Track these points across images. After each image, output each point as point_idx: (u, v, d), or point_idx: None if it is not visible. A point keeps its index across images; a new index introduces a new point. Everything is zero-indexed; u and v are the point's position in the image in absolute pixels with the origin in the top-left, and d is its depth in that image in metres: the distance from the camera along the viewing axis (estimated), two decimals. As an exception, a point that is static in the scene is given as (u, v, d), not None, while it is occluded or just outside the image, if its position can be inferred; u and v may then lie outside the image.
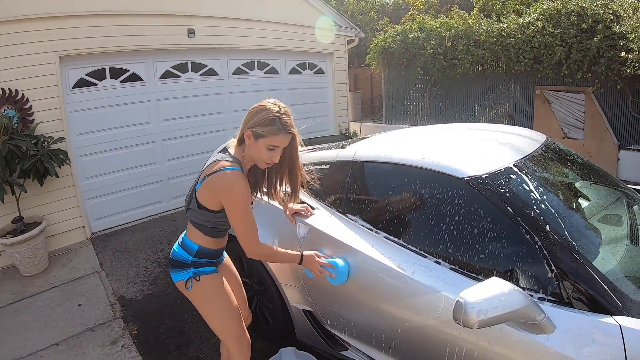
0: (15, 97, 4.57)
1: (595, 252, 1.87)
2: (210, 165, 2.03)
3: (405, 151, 2.47)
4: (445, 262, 2.04)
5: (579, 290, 1.68)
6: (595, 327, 1.60)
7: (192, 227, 2.16)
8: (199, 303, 2.23)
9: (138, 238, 5.39)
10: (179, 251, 2.17)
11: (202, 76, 6.39)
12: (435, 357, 2.04)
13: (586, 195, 2.43)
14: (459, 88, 9.46)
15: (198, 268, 2.16)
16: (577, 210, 2.25)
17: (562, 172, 2.47)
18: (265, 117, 1.96)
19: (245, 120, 2.05)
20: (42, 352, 3.31)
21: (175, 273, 2.20)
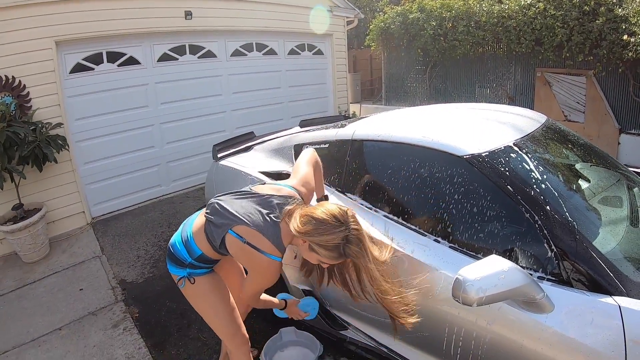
0: (12, 84, 4.54)
1: (595, 233, 1.86)
2: (254, 233, 1.86)
3: (405, 130, 2.45)
4: (445, 241, 2.03)
5: (578, 270, 1.67)
6: (594, 307, 1.59)
7: (203, 237, 2.03)
8: (192, 300, 2.21)
9: (138, 222, 5.40)
10: (181, 249, 2.08)
11: (200, 58, 6.33)
12: (435, 336, 2.04)
13: (586, 176, 2.42)
14: (459, 69, 9.40)
15: (194, 270, 2.11)
16: (577, 191, 2.24)
17: (562, 153, 2.45)
18: (329, 242, 1.76)
19: (302, 219, 1.81)
20: (45, 337, 3.34)
21: (170, 265, 2.16)
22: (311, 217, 1.79)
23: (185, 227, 2.16)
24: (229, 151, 3.59)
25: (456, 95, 9.45)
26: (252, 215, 1.90)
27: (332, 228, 1.75)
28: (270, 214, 1.91)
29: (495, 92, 8.91)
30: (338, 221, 1.76)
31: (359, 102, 12.16)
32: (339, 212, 1.79)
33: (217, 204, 2.02)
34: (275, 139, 3.52)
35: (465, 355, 1.93)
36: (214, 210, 2.01)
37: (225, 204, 1.98)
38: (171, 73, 5.98)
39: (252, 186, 2.11)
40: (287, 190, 2.04)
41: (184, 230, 2.14)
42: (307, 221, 1.78)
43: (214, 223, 1.97)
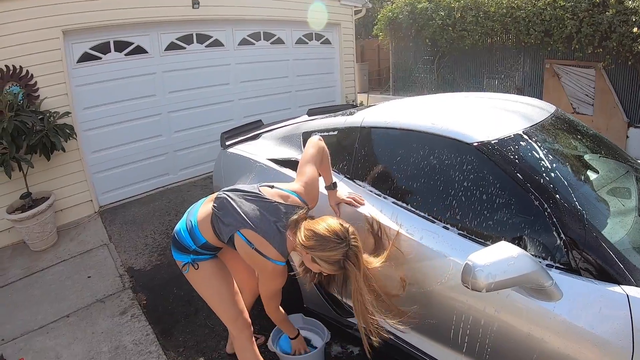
0: (19, 74, 4.55)
1: (604, 223, 1.85)
2: (262, 240, 1.97)
3: (414, 117, 2.44)
4: (454, 228, 2.03)
5: (587, 259, 1.66)
6: (602, 295, 1.58)
7: (209, 226, 2.10)
8: (195, 285, 2.29)
9: (146, 210, 5.42)
10: (185, 236, 2.15)
11: (207, 47, 6.31)
12: (443, 324, 2.04)
13: (595, 167, 2.40)
14: (467, 60, 9.34)
15: (197, 256, 2.18)
16: (586, 182, 2.22)
17: (571, 143, 2.43)
18: (330, 257, 1.86)
19: (306, 234, 1.90)
20: (53, 325, 3.37)
21: (175, 251, 2.24)
22: (314, 232, 1.88)
23: (190, 215, 2.22)
24: (237, 139, 3.58)
25: (464, 86, 9.40)
26: (261, 221, 1.99)
27: (334, 245, 1.85)
28: (277, 222, 2.01)
29: (504, 83, 8.86)
30: (339, 238, 1.86)
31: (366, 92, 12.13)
32: (340, 230, 1.88)
33: (226, 199, 2.08)
34: (284, 127, 3.51)
35: (473, 343, 1.93)
36: (222, 205, 2.07)
37: (235, 204, 2.05)
38: (179, 62, 5.97)
39: (260, 187, 2.15)
40: (293, 198, 2.10)
41: (189, 218, 2.20)
42: (311, 236, 1.88)
43: (221, 219, 2.04)
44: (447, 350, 2.11)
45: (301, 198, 2.11)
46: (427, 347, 2.22)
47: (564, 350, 1.61)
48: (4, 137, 4.14)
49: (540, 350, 1.68)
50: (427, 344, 2.22)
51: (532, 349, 1.70)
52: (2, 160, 4.21)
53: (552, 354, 1.65)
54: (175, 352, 2.97)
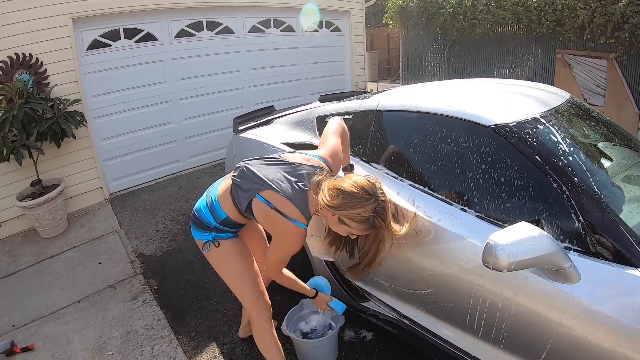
0: (29, 62, 4.57)
1: (619, 208, 1.82)
2: (282, 198, 1.87)
3: (430, 100, 2.41)
4: (472, 210, 2.01)
5: (604, 242, 1.64)
6: (620, 278, 1.56)
7: (229, 199, 2.05)
8: (216, 265, 2.23)
9: (156, 197, 5.44)
10: (206, 213, 2.10)
11: (217, 34, 6.30)
12: (459, 308, 2.03)
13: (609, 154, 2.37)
14: (478, 49, 9.28)
15: (219, 233, 2.13)
16: (601, 167, 2.20)
17: (586, 129, 2.40)
18: (359, 215, 1.78)
19: (331, 193, 1.81)
20: (64, 310, 3.39)
21: (195, 230, 2.18)
22: (340, 190, 1.80)
23: (210, 191, 2.17)
24: (250, 124, 3.57)
25: (475, 75, 9.33)
26: (281, 182, 1.91)
27: (363, 200, 1.77)
28: (298, 182, 1.92)
29: (515, 72, 8.79)
30: (367, 193, 1.78)
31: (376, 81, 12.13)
32: (367, 184, 1.81)
33: (245, 167, 2.02)
34: (297, 112, 3.49)
35: (489, 327, 1.92)
36: (241, 173, 2.01)
37: (254, 169, 1.98)
38: (188, 49, 5.96)
39: (281, 154, 2.11)
40: (316, 160, 2.04)
41: (209, 194, 2.15)
42: (336, 194, 1.79)
43: (240, 187, 1.97)
44: (462, 334, 2.10)
45: (324, 161, 2.05)
46: (442, 331, 2.21)
47: (580, 334, 1.60)
48: (14, 125, 4.15)
49: (557, 334, 1.67)
50: (443, 327, 2.21)
51: (549, 333, 1.69)
52: (13, 148, 4.23)
53: (569, 338, 1.64)
54: (187, 337, 2.98)
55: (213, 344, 2.89)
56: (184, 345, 2.89)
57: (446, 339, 2.19)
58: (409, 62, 10.81)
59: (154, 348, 2.87)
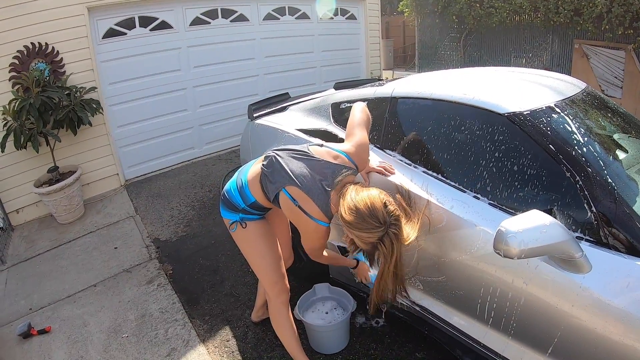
0: (45, 51, 4.62)
1: (634, 200, 1.81)
2: (306, 197, 1.92)
3: (445, 88, 2.40)
4: (484, 198, 2.01)
5: (616, 233, 1.63)
6: (631, 270, 1.56)
7: (258, 185, 2.11)
8: (241, 244, 2.30)
9: (171, 183, 5.49)
10: (235, 195, 2.17)
11: (232, 22, 6.30)
12: (470, 296, 2.04)
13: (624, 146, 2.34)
14: (494, 38, 9.17)
15: (246, 215, 2.20)
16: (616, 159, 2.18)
17: (601, 119, 2.38)
18: (367, 238, 1.80)
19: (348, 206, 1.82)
20: (80, 294, 3.45)
21: (224, 210, 2.26)
22: (356, 207, 1.80)
23: (241, 174, 2.23)
24: (265, 111, 3.59)
25: (491, 64, 9.21)
26: (306, 179, 1.95)
27: (371, 228, 1.78)
28: (322, 180, 1.96)
29: (531, 62, 8.68)
30: (378, 222, 1.78)
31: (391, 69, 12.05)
32: (381, 213, 1.79)
33: (274, 157, 2.06)
34: (312, 99, 3.49)
35: (500, 316, 1.93)
36: (270, 164, 2.05)
37: (283, 161, 2.02)
38: (203, 37, 5.97)
39: (310, 146, 2.12)
40: (342, 157, 2.05)
41: (239, 177, 2.21)
42: (351, 211, 1.80)
43: (268, 178, 2.02)
44: (473, 322, 2.10)
45: (350, 159, 2.05)
46: (453, 319, 2.22)
47: (590, 325, 1.60)
48: (32, 113, 4.22)
49: (566, 325, 1.67)
50: (454, 315, 2.22)
51: (558, 323, 1.69)
52: (30, 135, 4.30)
53: (578, 329, 1.64)
54: (201, 320, 3.02)
55: (226, 327, 2.93)
56: (197, 328, 2.94)
57: (457, 327, 2.20)
58: (425, 51, 10.72)
59: (168, 331, 2.92)
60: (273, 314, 2.35)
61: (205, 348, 2.76)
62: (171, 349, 2.76)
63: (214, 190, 5.15)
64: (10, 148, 4.40)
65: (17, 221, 4.83)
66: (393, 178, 2.33)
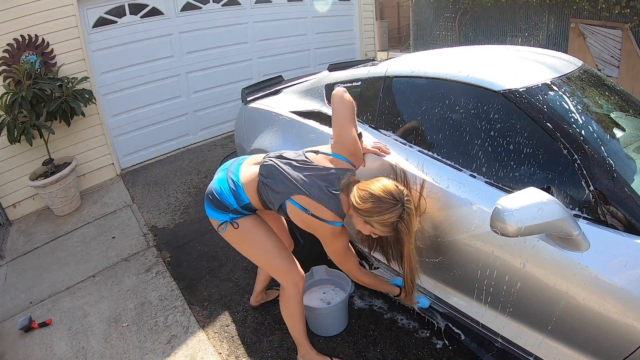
0: (35, 43, 4.56)
1: (631, 178, 1.80)
2: (316, 205, 1.92)
3: (439, 66, 2.37)
4: (481, 176, 1.99)
5: (615, 211, 1.62)
6: (629, 248, 1.55)
7: (254, 191, 2.07)
8: (236, 244, 2.23)
9: (167, 170, 5.48)
10: (228, 196, 2.08)
11: (224, 6, 6.22)
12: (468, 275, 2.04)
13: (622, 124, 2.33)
14: (490, 17, 9.08)
15: (237, 215, 2.12)
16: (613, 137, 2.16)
17: (598, 97, 2.35)
18: (385, 220, 1.82)
19: (361, 195, 1.84)
20: (80, 285, 3.46)
21: (211, 210, 2.15)
22: (369, 193, 1.83)
23: (231, 173, 2.14)
24: (258, 94, 3.55)
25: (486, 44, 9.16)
26: (313, 187, 1.94)
27: (390, 206, 1.81)
28: (328, 187, 1.96)
29: (527, 41, 8.60)
30: (395, 199, 1.82)
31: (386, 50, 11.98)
32: (395, 191, 1.84)
33: (273, 166, 2.03)
34: (305, 82, 3.45)
35: (498, 294, 1.93)
36: (270, 172, 2.03)
37: (284, 170, 2.00)
38: (195, 22, 5.90)
39: (306, 153, 2.11)
40: (340, 161, 2.06)
41: (230, 177, 2.12)
42: (366, 198, 1.83)
43: (271, 187, 1.99)
44: (471, 301, 2.11)
45: (347, 160, 2.07)
46: (451, 299, 2.23)
47: (588, 303, 1.59)
48: (24, 106, 4.17)
49: (564, 303, 1.67)
50: (452, 295, 2.22)
51: (557, 302, 1.69)
52: (23, 129, 4.26)
53: (576, 307, 1.64)
54: (200, 306, 3.03)
55: (225, 313, 2.94)
56: (196, 315, 2.94)
57: (454, 306, 2.21)
58: (420, 31, 10.63)
59: (168, 318, 2.93)
60: (285, 300, 2.27)
61: (205, 334, 2.76)
62: (171, 336, 2.76)
63: (210, 176, 5.07)
64: (4, 142, 4.37)
65: (15, 215, 4.81)
66: (389, 158, 2.31)
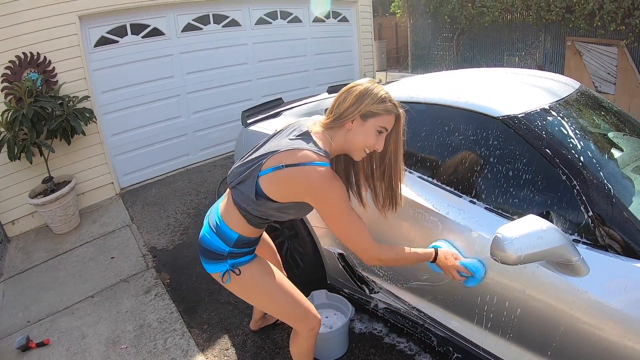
0: (37, 60, 4.60)
1: (629, 200, 1.81)
2: (286, 152, 1.64)
3: (438, 91, 2.40)
4: (480, 202, 2.01)
5: (614, 235, 1.63)
6: (629, 272, 1.56)
7: (234, 213, 1.80)
8: (243, 294, 1.99)
9: (167, 191, 5.47)
10: (214, 241, 1.83)
11: (224, 27, 6.30)
12: (468, 300, 2.04)
13: (620, 144, 2.35)
14: (487, 37, 9.19)
15: (236, 259, 1.86)
16: (612, 159, 2.18)
17: (596, 119, 2.38)
18: (377, 96, 1.66)
19: (347, 103, 1.67)
20: (78, 305, 3.43)
21: (208, 264, 1.90)
22: (347, 91, 1.70)
23: (211, 216, 1.94)
24: (258, 117, 3.57)
25: (484, 64, 9.25)
26: (275, 146, 1.71)
27: (369, 88, 1.69)
28: (291, 134, 1.75)
29: (524, 60, 8.70)
30: (369, 83, 1.72)
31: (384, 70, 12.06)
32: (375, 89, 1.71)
33: (234, 168, 1.85)
34: (305, 104, 3.48)
35: (498, 319, 1.92)
36: (233, 174, 1.83)
37: (242, 159, 1.82)
38: (196, 43, 5.97)
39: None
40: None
41: (210, 219, 1.92)
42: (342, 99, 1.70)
43: (239, 183, 1.76)
44: (471, 326, 2.10)
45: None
46: (451, 323, 2.22)
47: (588, 328, 1.60)
48: (24, 123, 4.20)
49: (564, 328, 1.67)
50: (452, 319, 2.22)
51: (557, 326, 1.69)
52: (23, 146, 4.28)
53: (577, 332, 1.64)
54: (199, 330, 3.01)
55: (225, 336, 2.91)
56: (196, 338, 2.92)
57: (455, 330, 2.20)
58: (418, 51, 10.73)
59: (167, 341, 2.91)
60: (298, 341, 2.08)
61: (204, 357, 2.74)
62: (170, 359, 2.74)
63: (210, 197, 5.13)
64: (3, 159, 4.39)
65: (13, 232, 4.80)
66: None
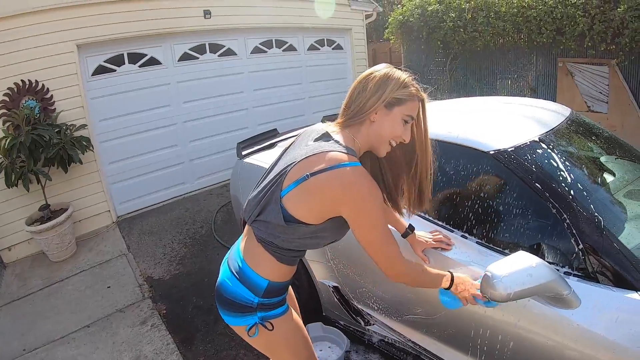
0: (35, 88, 4.65)
1: (621, 228, 1.84)
2: (309, 159, 1.41)
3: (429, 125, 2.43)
4: (472, 237, 2.03)
5: (604, 266, 1.66)
6: (621, 302, 1.58)
7: (260, 253, 1.51)
8: (269, 350, 1.68)
9: (163, 219, 5.48)
10: (238, 289, 1.51)
11: (220, 57, 6.39)
12: (462, 333, 2.05)
13: (611, 169, 2.39)
14: (480, 61, 9.26)
15: (267, 312, 1.54)
16: (603, 185, 2.22)
17: (587, 146, 2.42)
18: (400, 80, 1.48)
19: (367, 92, 1.48)
20: (74, 334, 3.42)
21: (230, 316, 1.57)
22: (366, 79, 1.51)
23: (231, 258, 1.64)
24: (253, 148, 3.60)
25: (477, 87, 9.32)
26: (291, 158, 1.48)
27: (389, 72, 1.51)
28: (308, 139, 1.56)
29: (517, 83, 8.77)
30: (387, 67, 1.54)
31: (379, 95, 12.07)
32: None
33: (248, 200, 1.59)
34: (300, 135, 3.50)
35: (492, 352, 1.93)
36: (249, 207, 1.56)
37: (255, 188, 1.59)
38: (192, 72, 6.05)
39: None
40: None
41: (231, 262, 1.61)
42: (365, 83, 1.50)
43: (259, 214, 1.50)
44: (465, 357, 2.10)
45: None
46: (445, 354, 2.22)
47: (580, 358, 1.61)
48: (22, 151, 4.23)
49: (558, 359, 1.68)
50: (446, 351, 2.22)
51: (550, 358, 1.70)
52: (20, 174, 4.30)
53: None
54: (195, 362, 3.00)
55: (221, 369, 2.91)
56: (192, 370, 2.92)
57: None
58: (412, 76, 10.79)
59: (164, 373, 2.90)
60: None
61: (200, 390, 2.73)
62: (166, 393, 2.73)
63: (206, 226, 5.14)
64: (1, 185, 4.43)
65: (9, 258, 4.80)
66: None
